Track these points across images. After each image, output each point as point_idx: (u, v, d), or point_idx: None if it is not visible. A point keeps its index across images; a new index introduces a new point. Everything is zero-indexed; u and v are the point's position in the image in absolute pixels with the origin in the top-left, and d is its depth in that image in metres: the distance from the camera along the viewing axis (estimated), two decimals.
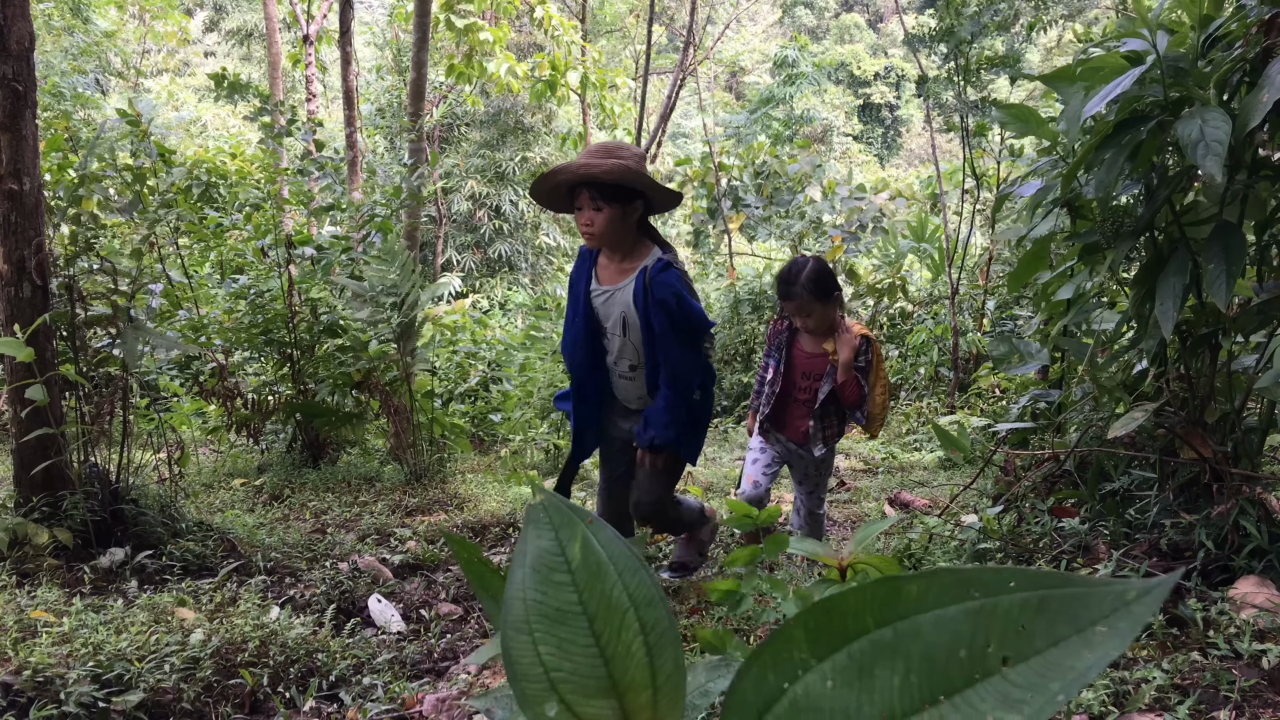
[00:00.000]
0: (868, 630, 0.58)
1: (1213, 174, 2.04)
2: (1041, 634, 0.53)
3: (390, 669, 2.60)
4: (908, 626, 0.56)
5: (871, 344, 3.40)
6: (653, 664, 0.68)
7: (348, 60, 8.09)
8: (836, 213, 12.06)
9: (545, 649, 0.70)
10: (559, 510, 0.75)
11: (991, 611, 0.55)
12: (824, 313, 3.32)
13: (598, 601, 0.70)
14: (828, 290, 3.31)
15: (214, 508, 4.30)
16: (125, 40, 19.63)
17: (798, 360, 3.48)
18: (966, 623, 0.55)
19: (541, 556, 0.73)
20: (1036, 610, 0.54)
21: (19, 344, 2.97)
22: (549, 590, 0.72)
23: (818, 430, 3.45)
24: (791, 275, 3.32)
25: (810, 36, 38.34)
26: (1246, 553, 2.41)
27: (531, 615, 0.71)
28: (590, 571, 0.72)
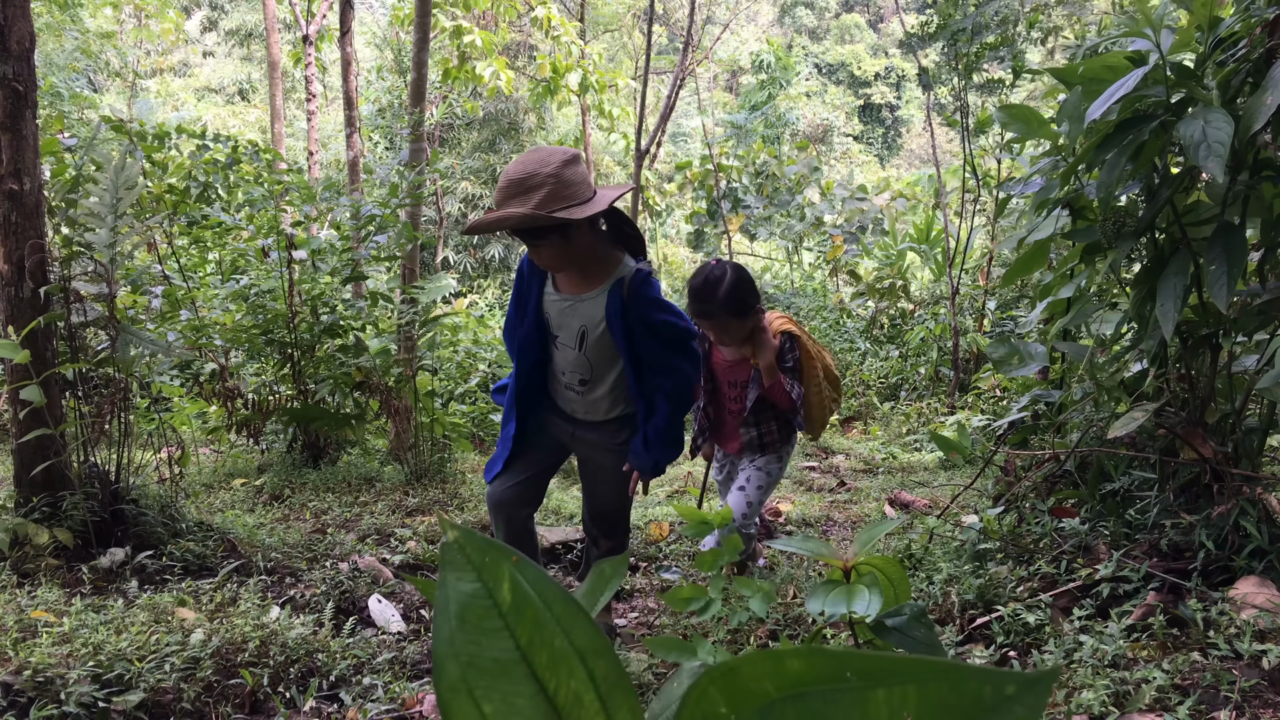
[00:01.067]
0: (769, 696, 0.55)
1: (1215, 175, 2.04)
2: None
3: (390, 669, 2.60)
4: (801, 700, 0.54)
5: (797, 341, 3.10)
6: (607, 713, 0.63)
7: (348, 61, 8.09)
8: (837, 213, 12.08)
9: (490, 707, 0.63)
10: (479, 548, 0.67)
11: (871, 699, 0.52)
12: (742, 328, 3.01)
13: (539, 647, 0.64)
14: (747, 305, 2.96)
15: (214, 508, 4.30)
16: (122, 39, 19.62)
17: (719, 371, 3.23)
18: (854, 708, 0.53)
19: (468, 604, 0.65)
20: (918, 701, 0.51)
21: (14, 346, 2.97)
22: (482, 640, 0.64)
23: (754, 438, 3.20)
24: (705, 292, 2.94)
25: (810, 37, 38.35)
26: (1247, 553, 2.41)
27: (468, 672, 0.63)
28: (526, 617, 0.65)
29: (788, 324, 3.12)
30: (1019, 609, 2.45)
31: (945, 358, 8.01)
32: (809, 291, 10.40)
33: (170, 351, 3.53)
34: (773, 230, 12.67)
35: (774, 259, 13.19)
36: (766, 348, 3.01)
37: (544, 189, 2.36)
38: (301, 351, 5.18)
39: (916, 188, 12.72)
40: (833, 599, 1.45)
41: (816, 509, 4.73)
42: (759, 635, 2.59)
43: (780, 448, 3.25)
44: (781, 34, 37.46)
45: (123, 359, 3.26)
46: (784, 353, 3.07)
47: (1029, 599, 2.54)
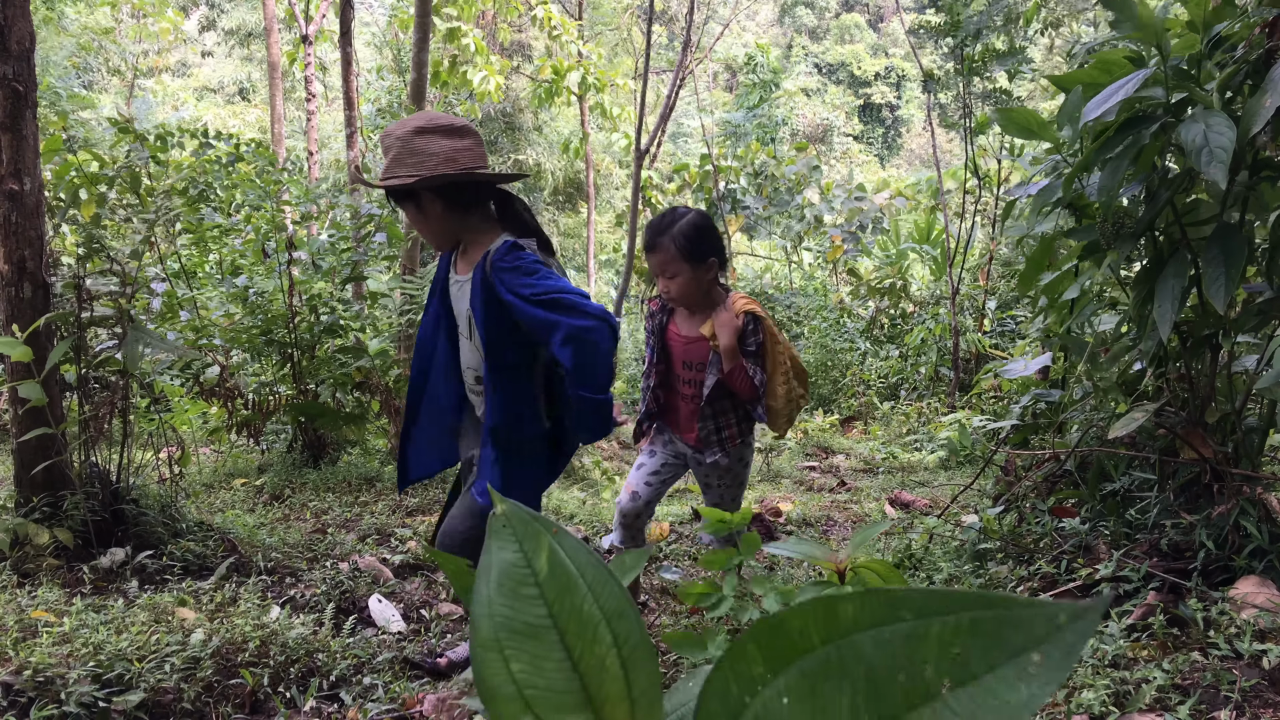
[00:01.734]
0: (814, 648, 0.57)
1: (1217, 180, 2.04)
2: (976, 658, 0.52)
3: (390, 669, 2.60)
4: (849, 646, 0.56)
5: (761, 322, 2.80)
6: (628, 677, 0.66)
7: (348, 61, 8.09)
8: (836, 213, 12.08)
9: (517, 666, 0.67)
10: (522, 521, 0.73)
11: (924, 634, 0.54)
12: (693, 279, 2.71)
13: (568, 615, 0.68)
14: (702, 251, 2.69)
15: (214, 508, 4.30)
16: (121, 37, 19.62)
17: (674, 346, 2.89)
18: (903, 645, 0.54)
19: (507, 570, 0.70)
20: (968, 633, 0.53)
21: (15, 343, 2.97)
22: (517, 605, 0.69)
23: (711, 432, 2.86)
24: (663, 223, 2.71)
25: (810, 36, 38.35)
26: (1247, 553, 2.41)
27: (501, 632, 0.68)
28: (559, 584, 0.69)
29: (752, 305, 2.83)
30: None
31: (945, 358, 8.01)
32: (809, 291, 10.40)
33: (177, 352, 3.53)
34: (772, 230, 12.66)
35: (774, 259, 13.19)
36: (727, 327, 2.73)
37: (390, 152, 2.31)
38: (301, 351, 5.18)
39: (915, 188, 12.73)
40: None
41: (816, 509, 4.73)
42: None
43: (742, 449, 2.95)
44: (781, 33, 37.47)
45: (130, 358, 3.26)
46: (746, 335, 2.78)
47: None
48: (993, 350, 7.65)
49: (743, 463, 2.97)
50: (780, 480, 5.76)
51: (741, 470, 2.97)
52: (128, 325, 3.33)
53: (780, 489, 5.46)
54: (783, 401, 2.81)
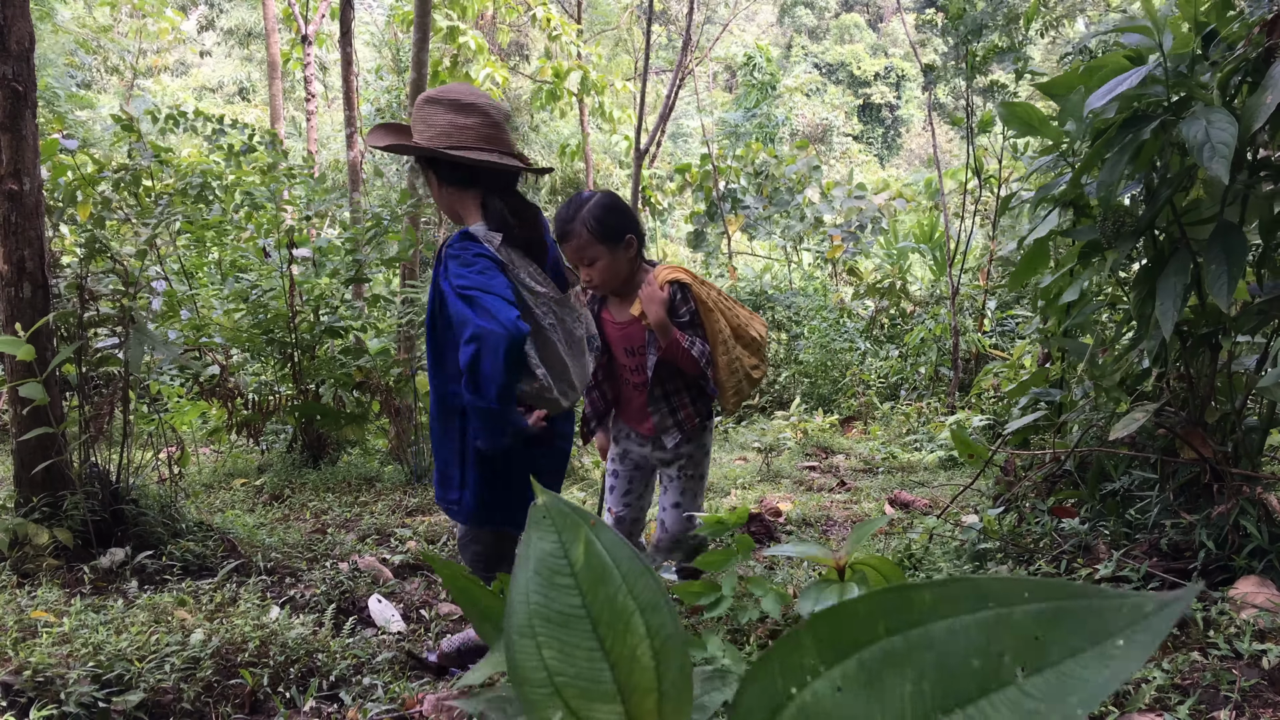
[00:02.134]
0: (878, 638, 0.56)
1: (1219, 177, 2.04)
2: (1057, 646, 0.53)
3: (390, 669, 2.60)
4: (920, 635, 0.55)
5: (689, 289, 2.64)
6: (659, 669, 0.67)
7: (348, 61, 8.09)
8: (836, 213, 12.07)
9: (549, 653, 0.68)
10: (561, 513, 0.74)
11: (1005, 622, 0.54)
12: (612, 261, 2.59)
13: (601, 605, 0.69)
14: (616, 229, 2.57)
15: (214, 508, 4.30)
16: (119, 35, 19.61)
17: (611, 334, 2.77)
18: (980, 632, 0.54)
19: (544, 560, 0.72)
20: (1051, 622, 0.53)
21: (18, 342, 2.97)
22: (552, 594, 0.71)
23: (666, 415, 2.72)
24: (569, 210, 2.58)
25: (810, 36, 38.35)
26: (1247, 553, 2.41)
27: (535, 619, 0.70)
28: (594, 574, 0.70)
29: (677, 273, 2.67)
30: None
31: (945, 358, 8.01)
32: (809, 291, 10.40)
33: (177, 353, 3.53)
34: (772, 230, 12.66)
35: (774, 259, 13.20)
36: (654, 301, 2.58)
37: (414, 116, 2.41)
38: (302, 351, 5.18)
39: (914, 189, 12.73)
40: (825, 598, 1.45)
41: (816, 509, 4.73)
42: (759, 635, 2.59)
43: (702, 434, 2.79)
44: (781, 34, 37.47)
45: (133, 359, 3.26)
46: (675, 306, 2.62)
47: None
48: (993, 350, 7.65)
49: (703, 450, 2.84)
50: (780, 480, 5.76)
51: (703, 458, 2.84)
52: (129, 326, 3.33)
53: (780, 489, 5.46)
54: (725, 373, 2.65)
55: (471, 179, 2.41)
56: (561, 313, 2.41)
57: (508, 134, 2.42)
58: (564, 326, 2.41)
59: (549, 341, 2.36)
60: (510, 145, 2.42)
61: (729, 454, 6.90)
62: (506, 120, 2.43)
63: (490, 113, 2.39)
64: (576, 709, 0.67)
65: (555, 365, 2.38)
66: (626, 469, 2.90)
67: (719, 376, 2.67)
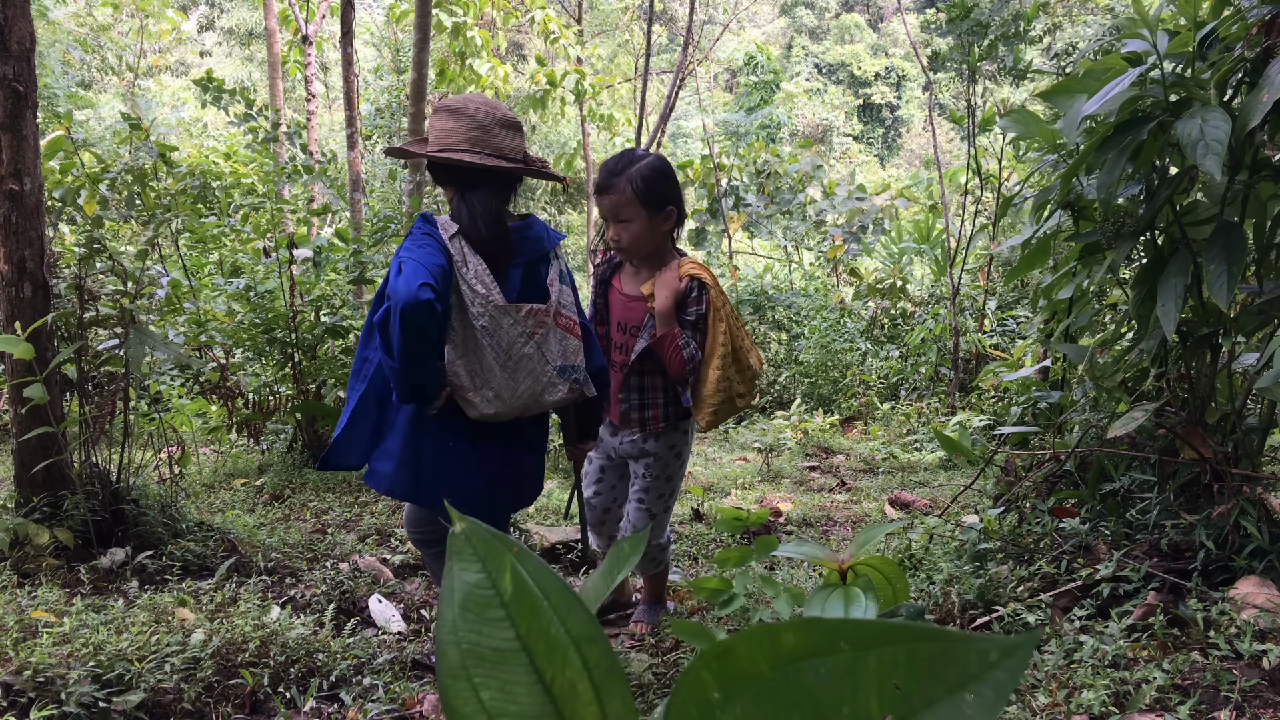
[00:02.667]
0: (762, 674, 0.56)
1: (1212, 173, 2.04)
2: (917, 694, 0.53)
3: (390, 669, 2.60)
4: (794, 674, 0.56)
5: (707, 291, 2.54)
6: (600, 702, 0.64)
7: (349, 61, 8.09)
8: (838, 213, 12.07)
9: (487, 694, 0.64)
10: (484, 540, 0.69)
11: (863, 667, 0.54)
12: (648, 229, 2.50)
13: (537, 636, 0.66)
14: (661, 196, 2.48)
15: (214, 508, 4.30)
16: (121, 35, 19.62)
17: (614, 304, 2.64)
18: (846, 678, 0.54)
19: (471, 593, 0.67)
20: (905, 666, 0.53)
21: (18, 340, 2.97)
22: (485, 629, 0.66)
23: (633, 408, 2.60)
24: (620, 163, 2.50)
25: (810, 36, 38.34)
26: (1247, 553, 2.41)
27: (468, 660, 0.65)
28: (525, 605, 0.66)
29: (701, 271, 2.56)
30: (1019, 609, 2.46)
31: (945, 358, 8.01)
32: (810, 291, 10.40)
33: (178, 354, 3.53)
34: (773, 229, 12.65)
35: (774, 259, 13.19)
36: (668, 287, 2.49)
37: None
38: (303, 351, 5.18)
39: (914, 190, 12.72)
40: (830, 603, 1.45)
41: (816, 509, 4.73)
42: None
43: (671, 435, 2.65)
44: (781, 34, 37.47)
45: (134, 359, 3.26)
46: (687, 301, 2.52)
47: (1029, 599, 2.54)
48: (993, 350, 7.65)
49: (673, 451, 2.70)
50: (780, 480, 5.76)
51: (671, 460, 2.71)
52: (130, 326, 3.34)
53: (780, 489, 5.46)
54: (711, 389, 2.53)
55: (451, 178, 2.43)
56: (502, 320, 2.33)
57: (500, 137, 2.39)
58: (502, 335, 2.34)
59: (477, 344, 2.32)
60: (502, 148, 2.39)
61: (729, 454, 6.90)
62: (505, 124, 2.39)
63: (476, 116, 2.38)
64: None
65: (477, 369, 2.34)
66: (599, 455, 2.82)
67: (703, 391, 2.56)
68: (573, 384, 2.47)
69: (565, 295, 2.48)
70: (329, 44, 13.97)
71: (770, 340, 9.93)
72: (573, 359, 2.46)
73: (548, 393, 2.42)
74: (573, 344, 2.47)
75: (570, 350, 2.46)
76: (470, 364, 2.34)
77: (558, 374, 2.43)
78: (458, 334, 2.32)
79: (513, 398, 2.38)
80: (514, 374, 2.37)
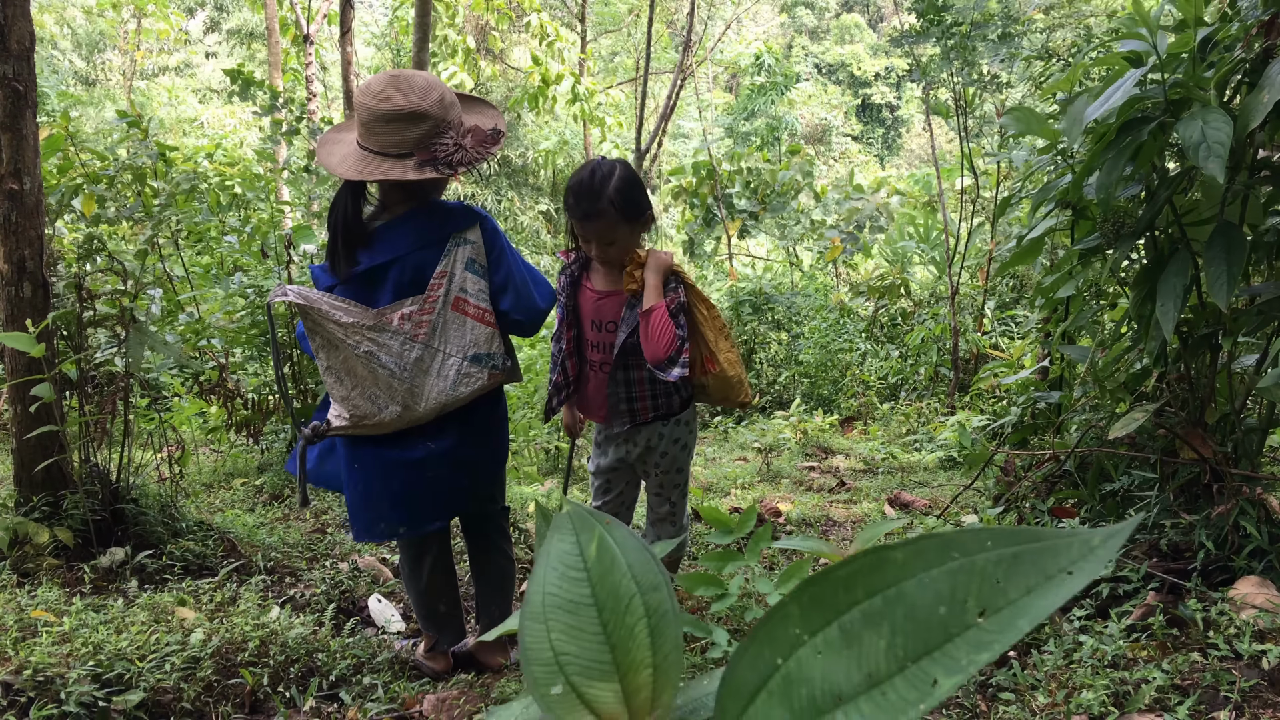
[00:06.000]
0: (858, 601, 0.60)
1: (1214, 175, 2.04)
2: (1015, 585, 0.57)
3: (390, 669, 2.60)
4: (894, 593, 0.59)
5: (681, 279, 2.54)
6: (654, 644, 0.74)
7: (348, 60, 8.09)
8: (834, 215, 12.07)
9: (556, 635, 0.76)
10: (580, 517, 0.84)
11: (969, 569, 0.58)
12: (631, 239, 2.49)
13: (607, 593, 0.77)
14: (640, 207, 2.46)
15: (214, 507, 4.30)
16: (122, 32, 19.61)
17: (585, 304, 2.59)
18: (947, 582, 0.58)
19: (561, 556, 0.81)
20: (1011, 565, 0.57)
21: (30, 339, 2.97)
22: (565, 585, 0.79)
23: (621, 400, 2.57)
24: (594, 184, 2.41)
25: (810, 37, 38.34)
26: (1247, 553, 2.41)
27: (548, 606, 0.78)
28: (604, 566, 0.78)
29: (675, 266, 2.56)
30: None
31: (945, 358, 8.01)
32: (810, 291, 10.40)
33: (177, 354, 3.53)
34: (765, 231, 12.66)
35: (773, 260, 13.20)
36: (659, 263, 2.48)
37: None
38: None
39: (916, 188, 12.72)
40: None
41: (816, 509, 4.73)
42: None
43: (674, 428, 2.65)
44: (782, 34, 37.46)
45: (134, 359, 3.26)
46: (668, 283, 2.50)
47: None
48: (992, 350, 7.65)
49: (679, 445, 2.69)
50: (780, 480, 5.76)
51: (679, 454, 2.70)
52: (130, 325, 3.33)
53: (780, 489, 5.46)
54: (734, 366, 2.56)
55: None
56: (379, 337, 2.33)
57: (380, 133, 2.33)
58: (388, 350, 2.34)
59: (367, 368, 2.34)
60: (384, 144, 2.34)
61: (729, 454, 6.90)
62: (386, 118, 2.31)
63: (358, 112, 2.38)
64: (576, 684, 0.74)
65: (375, 391, 2.36)
66: (612, 459, 2.77)
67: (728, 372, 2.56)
68: (492, 370, 2.44)
69: (470, 283, 2.41)
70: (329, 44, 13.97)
71: (770, 340, 9.93)
72: (486, 347, 2.43)
73: (463, 384, 2.39)
74: (484, 331, 2.43)
75: (482, 339, 2.42)
76: (365, 390, 2.35)
77: (470, 363, 2.40)
78: (337, 369, 2.34)
79: (424, 401, 2.38)
80: (413, 380, 2.36)
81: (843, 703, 0.58)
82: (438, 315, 2.38)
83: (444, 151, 2.35)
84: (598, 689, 0.74)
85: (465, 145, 2.37)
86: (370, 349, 2.32)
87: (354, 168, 2.34)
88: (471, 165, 2.38)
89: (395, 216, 2.43)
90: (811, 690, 0.60)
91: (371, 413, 2.36)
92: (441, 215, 2.44)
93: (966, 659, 0.56)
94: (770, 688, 0.62)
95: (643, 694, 0.73)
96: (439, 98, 2.36)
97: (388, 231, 2.41)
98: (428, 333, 2.37)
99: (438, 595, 2.67)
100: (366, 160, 2.35)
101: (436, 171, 2.34)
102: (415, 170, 2.32)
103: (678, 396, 2.66)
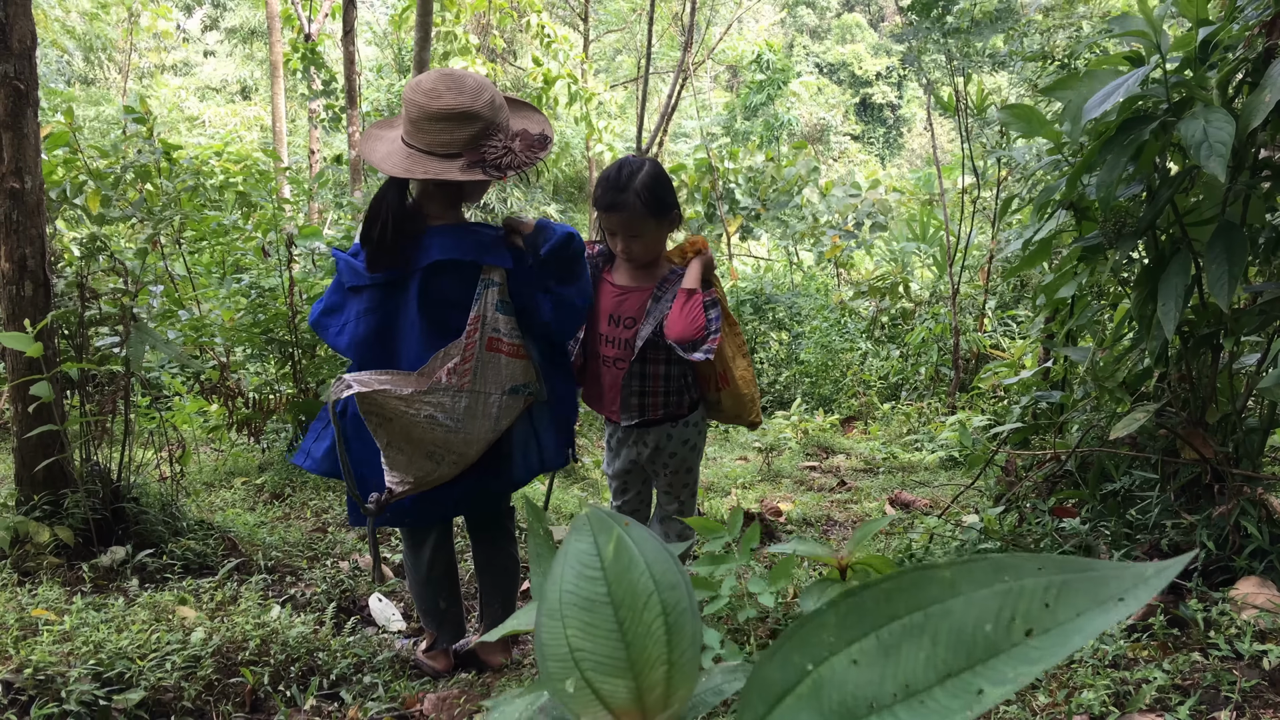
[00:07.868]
0: (899, 615, 0.61)
1: (1216, 174, 2.04)
2: (1065, 609, 0.57)
3: (391, 668, 2.60)
4: (939, 609, 0.60)
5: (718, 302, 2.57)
6: (670, 641, 0.76)
7: (351, 59, 8.10)
8: (834, 212, 12.06)
9: (572, 632, 0.78)
10: (599, 519, 0.86)
11: (1019, 592, 0.58)
12: (658, 236, 2.52)
13: (624, 591, 0.79)
14: (666, 205, 2.48)
15: (215, 506, 4.30)
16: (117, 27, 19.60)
17: (604, 298, 2.59)
18: (994, 602, 0.59)
19: (579, 556, 0.83)
20: (1060, 589, 0.58)
21: (28, 339, 2.97)
22: (582, 583, 0.81)
23: (633, 394, 2.57)
24: (621, 178, 2.44)
25: (811, 36, 38.33)
26: (1247, 553, 2.41)
27: (565, 604, 0.79)
28: (621, 565, 0.80)
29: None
30: None
31: (945, 357, 8.01)
32: (810, 291, 10.40)
33: (177, 353, 3.53)
34: (768, 230, 12.66)
35: (774, 259, 13.20)
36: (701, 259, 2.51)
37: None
38: (302, 351, 5.18)
39: (917, 186, 12.71)
40: (827, 596, 1.45)
41: (816, 509, 4.73)
42: (760, 635, 2.59)
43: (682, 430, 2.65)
44: (782, 34, 37.44)
45: (135, 357, 3.26)
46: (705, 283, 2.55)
47: None
48: (993, 350, 7.65)
49: (688, 445, 2.70)
50: (780, 480, 5.76)
51: (688, 454, 2.72)
52: (131, 324, 3.34)
53: (780, 489, 5.47)
54: (748, 385, 2.62)
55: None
56: (437, 399, 2.36)
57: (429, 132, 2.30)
58: (444, 409, 2.37)
59: (430, 430, 2.37)
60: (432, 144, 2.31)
61: (729, 454, 6.90)
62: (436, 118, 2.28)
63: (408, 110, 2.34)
64: (591, 680, 0.75)
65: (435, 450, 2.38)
66: (623, 461, 2.79)
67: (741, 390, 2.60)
68: (528, 396, 2.47)
69: (503, 323, 2.42)
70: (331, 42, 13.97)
71: (770, 340, 9.93)
72: (522, 378, 2.45)
73: (504, 417, 2.42)
74: (519, 365, 2.44)
75: (518, 372, 2.44)
76: (425, 449, 2.35)
77: (509, 396, 2.42)
78: (397, 441, 2.33)
79: (475, 445, 2.39)
80: (466, 428, 2.37)
81: (876, 710, 0.59)
82: (476, 360, 2.38)
83: (493, 154, 2.33)
84: (612, 684, 0.75)
85: (514, 149, 2.35)
86: (430, 413, 2.31)
87: (400, 165, 2.31)
88: (520, 169, 2.35)
89: (434, 226, 2.41)
90: (843, 696, 0.60)
91: (431, 470, 2.36)
92: (475, 244, 2.41)
93: (1013, 672, 0.56)
94: (800, 691, 0.62)
95: (657, 690, 0.74)
96: (490, 99, 2.34)
97: (430, 239, 2.39)
98: (471, 379, 2.37)
99: (438, 588, 2.67)
100: (413, 158, 2.31)
101: (484, 174, 2.32)
102: (463, 171, 2.30)
103: (687, 397, 2.66)
